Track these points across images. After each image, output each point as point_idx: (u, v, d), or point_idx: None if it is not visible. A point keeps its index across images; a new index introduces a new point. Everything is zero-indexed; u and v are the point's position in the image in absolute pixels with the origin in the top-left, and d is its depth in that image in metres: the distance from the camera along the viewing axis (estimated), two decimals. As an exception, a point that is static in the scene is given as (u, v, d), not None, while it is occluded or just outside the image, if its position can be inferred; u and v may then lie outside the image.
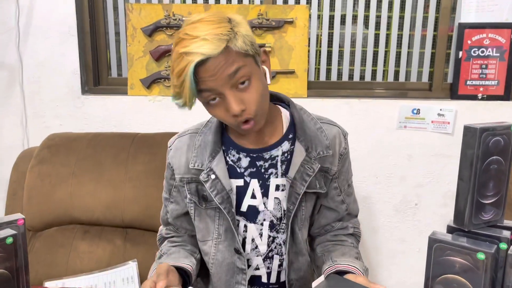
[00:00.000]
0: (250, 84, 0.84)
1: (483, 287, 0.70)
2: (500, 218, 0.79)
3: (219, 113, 0.87)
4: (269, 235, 0.99)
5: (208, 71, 0.80)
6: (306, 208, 0.98)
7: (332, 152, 0.97)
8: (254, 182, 0.96)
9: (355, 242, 1.01)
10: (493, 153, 0.75)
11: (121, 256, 1.56)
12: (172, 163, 1.01)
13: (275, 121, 0.98)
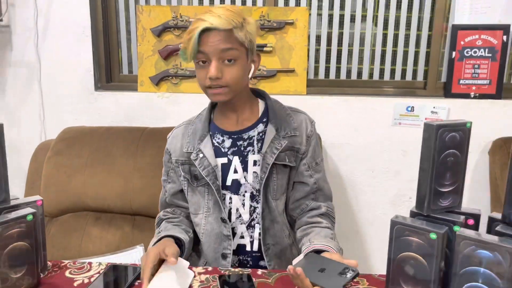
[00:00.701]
0: (233, 64, 1.04)
1: (435, 263, 0.80)
2: (458, 204, 0.89)
3: (201, 74, 1.05)
4: (250, 205, 1.15)
5: (209, 37, 1.00)
6: (277, 180, 1.13)
7: (299, 133, 1.15)
8: (235, 159, 1.14)
9: (330, 223, 1.13)
10: (449, 147, 0.84)
11: (129, 241, 1.68)
12: (169, 148, 1.21)
13: (253, 108, 1.18)
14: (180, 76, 2.01)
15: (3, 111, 2.10)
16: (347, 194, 2.05)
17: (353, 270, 0.85)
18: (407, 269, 0.83)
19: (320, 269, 0.88)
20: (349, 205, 2.06)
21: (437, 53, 1.95)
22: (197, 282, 0.94)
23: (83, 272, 0.97)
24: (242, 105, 1.15)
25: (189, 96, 2.02)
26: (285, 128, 1.14)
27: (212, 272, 0.98)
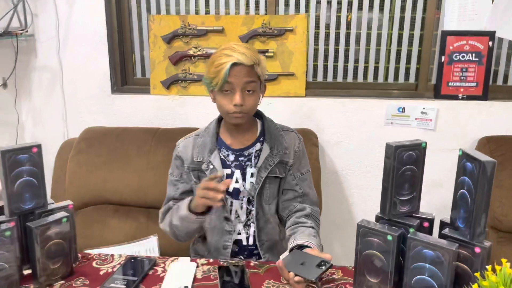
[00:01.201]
0: (252, 94, 1.26)
1: (391, 259, 0.97)
2: (416, 210, 1.06)
3: (225, 101, 1.25)
4: (247, 208, 1.36)
5: (236, 71, 1.21)
6: (269, 188, 1.35)
7: (288, 151, 1.35)
8: (237, 172, 1.35)
9: (314, 224, 1.31)
10: (407, 163, 1.01)
11: (145, 231, 1.89)
12: (182, 156, 1.39)
13: (253, 129, 1.39)
14: (189, 80, 2.19)
15: (30, 112, 2.31)
16: (343, 189, 2.22)
17: (327, 262, 1.04)
18: (371, 263, 1.01)
19: (302, 262, 1.06)
20: (345, 198, 2.24)
21: (428, 53, 2.08)
22: (200, 272, 1.13)
23: (107, 263, 1.18)
24: (246, 127, 1.36)
25: (196, 99, 2.19)
26: (277, 147, 1.35)
27: (213, 263, 1.18)
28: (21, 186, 1.04)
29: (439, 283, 0.92)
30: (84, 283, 1.08)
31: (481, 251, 0.91)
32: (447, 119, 2.09)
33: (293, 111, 2.14)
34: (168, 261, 1.18)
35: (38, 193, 1.07)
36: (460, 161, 0.97)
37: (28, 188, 1.05)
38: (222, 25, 2.12)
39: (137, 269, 1.13)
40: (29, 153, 1.04)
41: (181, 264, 1.15)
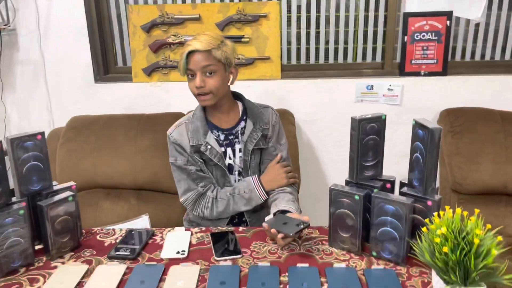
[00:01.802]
0: (213, 76, 1.40)
1: (359, 215, 1.14)
2: (380, 173, 1.22)
3: (191, 85, 1.42)
4: (238, 179, 1.54)
5: (193, 57, 1.37)
6: (254, 159, 1.53)
7: (268, 126, 1.53)
8: (228, 149, 1.51)
9: (292, 189, 1.48)
10: (369, 134, 1.17)
11: (136, 211, 2.02)
12: (180, 143, 1.51)
13: (235, 109, 1.55)
14: (169, 67, 2.29)
15: (15, 104, 2.38)
16: (319, 163, 2.39)
17: (305, 223, 1.20)
18: (342, 221, 1.17)
19: (283, 223, 1.22)
20: (321, 172, 2.41)
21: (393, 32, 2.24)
22: (194, 239, 1.28)
23: (109, 236, 1.31)
24: (228, 108, 1.51)
25: (177, 84, 2.30)
26: (259, 122, 1.51)
27: (205, 231, 1.32)
28: (28, 170, 1.15)
29: (399, 232, 1.09)
30: (92, 253, 1.21)
31: (432, 204, 1.08)
32: (411, 94, 2.27)
33: (270, 92, 2.28)
34: (165, 231, 1.32)
35: (44, 175, 1.19)
36: (414, 130, 1.13)
37: (35, 172, 1.17)
38: (199, 13, 2.22)
39: (138, 239, 1.26)
40: (34, 140, 1.15)
41: (177, 233, 1.30)
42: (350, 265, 1.12)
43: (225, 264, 1.13)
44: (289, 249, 1.21)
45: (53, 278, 1.08)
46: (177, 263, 1.14)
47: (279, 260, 1.15)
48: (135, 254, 1.18)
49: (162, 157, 2.07)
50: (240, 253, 1.18)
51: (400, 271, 1.09)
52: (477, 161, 2.03)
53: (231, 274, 1.08)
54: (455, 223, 0.90)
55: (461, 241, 0.87)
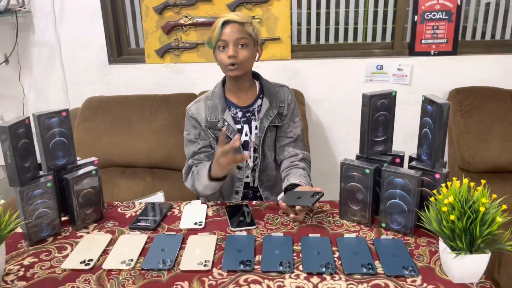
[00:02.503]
0: (245, 48, 1.44)
1: (369, 189, 1.19)
2: (389, 148, 1.27)
3: (221, 56, 1.44)
4: (254, 155, 1.57)
5: (228, 28, 1.42)
6: (270, 136, 1.56)
7: (284, 104, 1.57)
8: (245, 126, 1.55)
9: (305, 165, 1.53)
10: (380, 110, 1.21)
11: (151, 188, 2.09)
12: (196, 117, 1.56)
13: (253, 88, 1.58)
14: (181, 48, 2.33)
15: (32, 86, 2.44)
16: (328, 142, 2.43)
17: (319, 193, 1.25)
18: (352, 194, 1.22)
19: (298, 197, 1.27)
20: (331, 150, 2.45)
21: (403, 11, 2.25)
22: (210, 211, 1.34)
23: (130, 209, 1.37)
24: (247, 86, 1.55)
25: (189, 65, 2.35)
26: (275, 100, 1.55)
27: (221, 204, 1.38)
28: (54, 145, 1.21)
29: (408, 205, 1.14)
30: (114, 224, 1.27)
31: (440, 176, 1.12)
32: (420, 74, 2.28)
33: (280, 73, 2.31)
34: (182, 204, 1.38)
35: (68, 151, 1.25)
36: (423, 105, 1.17)
37: (60, 147, 1.22)
38: (210, -6, 2.25)
39: (157, 212, 1.33)
40: (59, 116, 1.21)
41: (194, 206, 1.36)
42: (360, 236, 1.17)
43: (240, 234, 1.19)
44: (301, 221, 1.26)
45: (80, 246, 1.15)
46: (195, 233, 1.20)
47: (292, 231, 1.21)
48: (155, 225, 1.24)
49: (176, 136, 2.13)
50: (255, 224, 1.24)
51: (408, 241, 1.14)
52: (486, 139, 2.06)
53: (247, 243, 1.14)
54: (462, 193, 0.95)
55: (467, 209, 0.92)
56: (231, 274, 1.02)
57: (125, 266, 1.05)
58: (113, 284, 1.00)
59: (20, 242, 1.18)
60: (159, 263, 1.05)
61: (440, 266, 1.03)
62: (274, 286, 0.98)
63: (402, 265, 1.03)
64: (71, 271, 1.05)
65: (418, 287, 0.96)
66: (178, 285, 0.99)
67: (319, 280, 0.99)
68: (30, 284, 1.01)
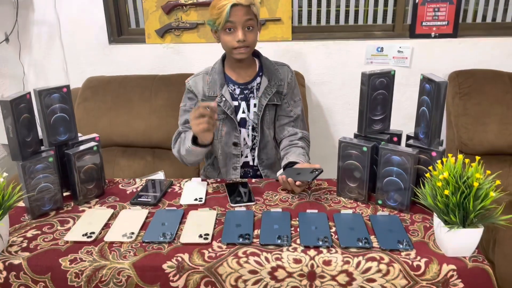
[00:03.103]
0: (252, 31, 1.45)
1: (366, 166, 1.20)
2: (387, 127, 1.28)
3: (228, 38, 1.44)
4: (252, 134, 1.59)
5: (236, 10, 1.39)
6: (269, 115, 1.58)
7: (283, 83, 1.57)
8: (243, 103, 1.56)
9: (304, 144, 1.55)
10: (379, 89, 1.22)
11: (152, 168, 2.10)
12: (193, 90, 1.58)
13: (252, 65, 1.59)
14: (182, 28, 2.33)
15: (32, 65, 2.44)
16: (328, 124, 2.45)
17: (317, 169, 1.27)
18: (350, 172, 1.24)
19: (297, 173, 1.29)
20: (330, 132, 2.47)
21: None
22: (210, 188, 1.36)
23: (131, 185, 1.39)
24: (247, 64, 1.56)
25: (190, 46, 2.34)
26: (274, 79, 1.56)
27: (220, 182, 1.41)
28: (55, 121, 1.22)
29: (404, 182, 1.16)
30: (115, 200, 1.29)
31: (436, 154, 1.14)
32: (421, 56, 2.28)
33: (281, 54, 2.31)
34: (183, 182, 1.40)
35: (69, 127, 1.26)
36: (421, 84, 1.18)
37: (61, 123, 1.24)
38: (211, -26, 2.23)
39: (158, 188, 1.35)
40: (60, 92, 1.22)
41: (194, 183, 1.38)
42: (356, 212, 1.20)
43: (240, 210, 1.22)
44: (299, 198, 1.28)
45: (82, 219, 1.17)
46: (195, 209, 1.22)
47: (290, 207, 1.23)
48: (156, 200, 1.26)
49: (176, 116, 2.11)
50: (253, 201, 1.26)
51: (404, 217, 1.16)
52: (484, 121, 2.07)
53: (246, 218, 1.16)
54: (457, 169, 0.96)
55: (461, 184, 0.93)
56: (230, 246, 1.05)
57: (127, 239, 1.08)
58: (115, 256, 1.02)
59: (23, 216, 1.21)
60: (160, 236, 1.08)
61: (434, 241, 1.05)
62: (272, 258, 1.01)
63: (397, 239, 1.05)
64: (73, 243, 1.07)
65: (412, 260, 0.99)
66: (178, 257, 1.01)
67: (316, 253, 1.02)
68: (34, 255, 1.04)
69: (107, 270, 1.00)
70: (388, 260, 0.99)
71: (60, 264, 1.01)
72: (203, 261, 1.01)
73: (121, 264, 1.00)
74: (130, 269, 1.00)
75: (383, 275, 0.98)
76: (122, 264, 1.00)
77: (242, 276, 0.99)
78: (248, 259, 1.00)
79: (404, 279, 0.97)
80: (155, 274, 1.00)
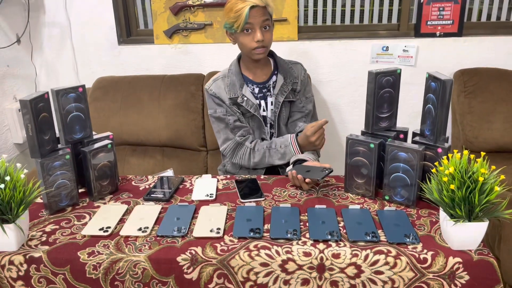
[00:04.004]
0: (269, 31, 1.52)
1: (374, 163, 1.23)
2: (393, 125, 1.31)
3: (247, 39, 1.50)
4: (270, 131, 1.67)
5: (254, 12, 1.46)
6: (285, 111, 1.65)
7: (297, 80, 1.65)
8: (262, 102, 1.64)
9: None
10: (385, 87, 1.25)
11: (161, 166, 2.14)
12: (219, 95, 1.63)
13: (268, 65, 1.68)
14: (190, 29, 2.36)
15: (43, 66, 2.49)
16: (335, 122, 2.48)
17: (327, 169, 1.30)
18: (357, 168, 1.27)
19: (307, 171, 1.33)
20: (337, 130, 2.50)
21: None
22: (220, 185, 1.40)
23: (144, 182, 1.43)
24: (263, 63, 1.62)
25: (197, 46, 2.38)
26: (289, 77, 1.63)
27: (230, 178, 1.44)
28: (72, 119, 1.26)
29: (411, 178, 1.19)
30: (129, 196, 1.33)
31: (442, 151, 1.17)
32: (426, 55, 2.31)
33: (287, 53, 2.34)
34: (193, 178, 1.44)
35: (84, 125, 1.30)
36: (427, 82, 1.20)
37: (77, 122, 1.28)
38: (218, -25, 2.27)
39: (170, 184, 1.38)
40: (76, 92, 1.26)
41: (204, 180, 1.41)
42: (364, 207, 1.23)
43: (249, 205, 1.25)
44: (307, 194, 1.32)
45: (98, 214, 1.21)
46: (206, 204, 1.26)
47: (299, 203, 1.27)
48: (168, 196, 1.30)
49: (184, 116, 2.18)
50: (263, 196, 1.29)
51: (411, 212, 1.19)
52: (489, 119, 2.10)
53: (256, 213, 1.20)
54: (462, 164, 0.99)
55: (467, 179, 0.96)
56: (241, 240, 1.08)
57: (141, 233, 1.11)
58: (131, 249, 1.06)
59: (41, 211, 1.25)
60: (174, 230, 1.11)
61: (440, 235, 1.08)
62: (282, 251, 1.04)
63: (404, 233, 1.08)
64: (90, 237, 1.11)
65: (419, 253, 1.02)
66: (192, 250, 1.05)
67: (325, 247, 1.05)
68: (53, 248, 1.08)
69: (123, 262, 1.04)
70: (395, 253, 1.02)
71: (79, 257, 1.05)
72: (215, 254, 1.04)
73: (137, 257, 1.04)
74: (145, 261, 1.04)
75: (390, 267, 1.01)
76: (138, 257, 1.04)
77: (254, 268, 1.03)
78: (259, 252, 1.04)
79: (411, 272, 1.00)
80: (170, 267, 1.04)
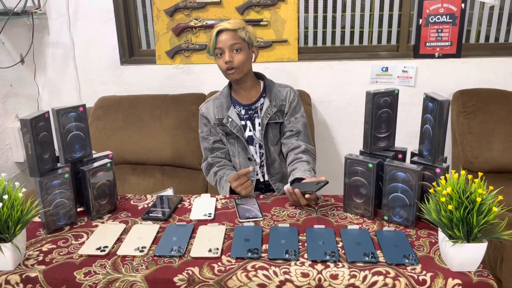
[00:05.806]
0: (239, 52, 1.55)
1: (372, 182, 1.23)
2: (392, 145, 1.31)
3: (220, 62, 1.57)
4: (260, 152, 1.68)
5: (222, 36, 1.54)
6: (272, 132, 1.66)
7: (285, 102, 1.65)
8: (248, 123, 1.67)
9: (309, 158, 1.59)
10: (383, 107, 1.26)
11: (161, 185, 2.14)
12: (207, 116, 1.70)
13: (256, 88, 1.69)
14: (191, 50, 2.40)
15: (46, 85, 2.52)
16: (335, 142, 2.48)
17: (323, 181, 1.30)
18: (356, 188, 1.27)
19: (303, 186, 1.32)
20: (336, 150, 2.50)
21: (407, 16, 2.30)
22: (219, 204, 1.39)
23: (142, 201, 1.43)
24: (250, 86, 1.65)
25: (199, 66, 2.41)
26: (275, 99, 1.64)
27: (229, 197, 1.44)
28: (71, 139, 1.27)
29: (410, 198, 1.18)
30: (127, 215, 1.33)
31: (440, 171, 1.17)
32: (425, 76, 2.33)
33: (288, 74, 2.37)
34: (192, 198, 1.44)
35: (84, 144, 1.31)
36: (425, 103, 1.21)
37: (77, 140, 1.29)
38: (220, -3, 2.32)
39: (168, 204, 1.38)
40: (77, 111, 1.27)
41: (203, 199, 1.41)
42: (363, 228, 1.22)
43: (248, 225, 1.25)
44: (306, 214, 1.31)
45: (95, 234, 1.21)
46: (204, 224, 1.25)
47: (297, 223, 1.26)
48: (166, 216, 1.30)
49: (185, 135, 2.19)
50: (262, 216, 1.29)
51: (410, 232, 1.19)
52: (489, 140, 2.10)
53: (254, 233, 1.19)
54: (460, 184, 0.99)
55: (464, 200, 0.96)
56: (239, 261, 1.07)
57: (139, 252, 1.11)
58: (128, 269, 1.05)
59: (39, 230, 1.24)
60: (171, 250, 1.11)
61: (439, 256, 1.07)
62: (280, 272, 1.03)
63: (403, 254, 1.07)
64: (87, 257, 1.11)
65: (418, 274, 1.01)
66: (189, 270, 1.04)
67: (323, 267, 1.04)
68: (49, 268, 1.07)
69: (120, 282, 1.03)
70: (394, 274, 1.01)
71: (75, 277, 1.04)
72: (213, 275, 1.03)
73: (133, 277, 1.03)
74: (142, 281, 1.03)
75: (389, 289, 1.00)
76: (134, 277, 1.03)
77: (251, 289, 1.02)
78: (257, 273, 1.03)
79: (410, 293, 0.99)
80: (167, 287, 1.03)
